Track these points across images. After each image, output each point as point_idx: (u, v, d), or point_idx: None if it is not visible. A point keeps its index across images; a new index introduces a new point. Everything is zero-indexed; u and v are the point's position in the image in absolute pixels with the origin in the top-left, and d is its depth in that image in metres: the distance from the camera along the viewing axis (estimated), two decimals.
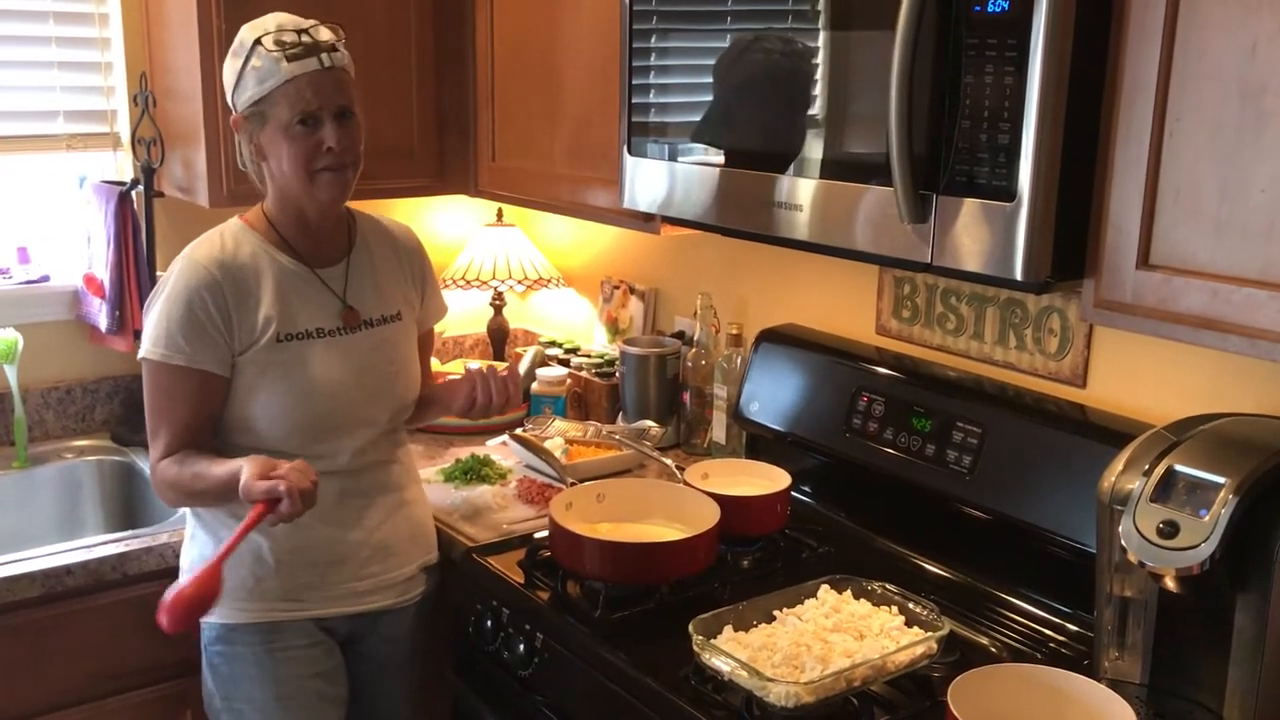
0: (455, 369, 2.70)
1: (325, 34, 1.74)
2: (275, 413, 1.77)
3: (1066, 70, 1.34)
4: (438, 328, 2.11)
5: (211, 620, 1.83)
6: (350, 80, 1.77)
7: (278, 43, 1.70)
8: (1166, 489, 1.36)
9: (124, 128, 2.56)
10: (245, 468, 1.63)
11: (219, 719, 1.88)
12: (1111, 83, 1.35)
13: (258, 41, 1.71)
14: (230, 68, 1.76)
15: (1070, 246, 1.41)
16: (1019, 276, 1.40)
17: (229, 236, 1.81)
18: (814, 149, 1.67)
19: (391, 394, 1.89)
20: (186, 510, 1.89)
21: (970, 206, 1.43)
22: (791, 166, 1.69)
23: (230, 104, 1.78)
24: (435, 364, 2.43)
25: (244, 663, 1.82)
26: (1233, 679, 1.37)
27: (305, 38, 1.72)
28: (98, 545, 2.03)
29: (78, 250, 2.56)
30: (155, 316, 1.76)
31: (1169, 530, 1.32)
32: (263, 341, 1.76)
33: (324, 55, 1.72)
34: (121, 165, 2.59)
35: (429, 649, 2.04)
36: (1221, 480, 1.31)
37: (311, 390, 1.78)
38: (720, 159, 1.82)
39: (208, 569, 1.61)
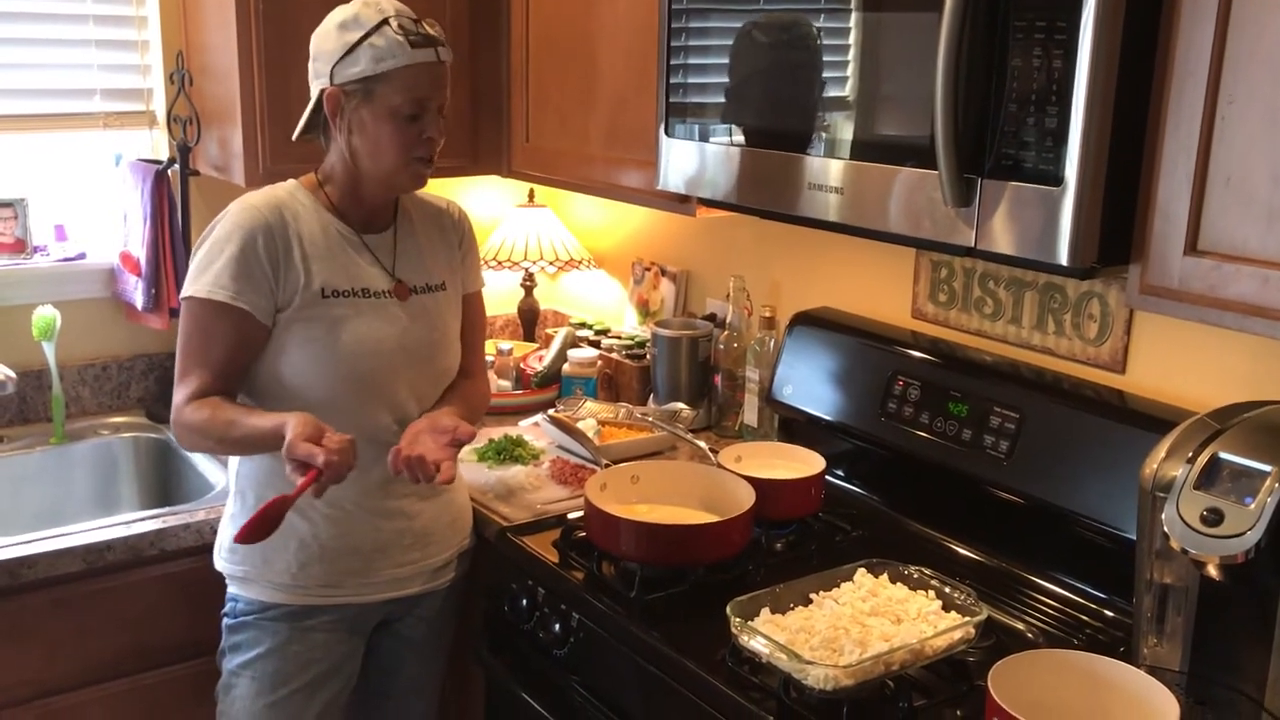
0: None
1: (435, 30, 1.77)
2: (317, 370, 1.76)
3: (1116, 53, 1.33)
4: None
5: (246, 595, 1.85)
6: (450, 78, 1.81)
7: (402, 27, 1.72)
8: (1210, 476, 1.35)
9: (160, 106, 2.57)
10: (291, 423, 1.60)
11: (221, 681, 1.90)
12: (1162, 65, 1.34)
13: (385, 22, 1.72)
14: (338, 39, 1.73)
15: (1116, 232, 1.40)
16: (1064, 262, 1.39)
17: (284, 190, 1.83)
18: (854, 131, 1.66)
19: (433, 363, 1.88)
20: (230, 488, 1.90)
21: (1015, 190, 1.42)
22: (830, 149, 1.68)
23: (324, 73, 1.75)
24: None
25: (258, 637, 1.84)
26: (1275, 668, 1.36)
27: (422, 29, 1.75)
28: (136, 521, 2.05)
29: (114, 228, 2.57)
30: (202, 255, 1.76)
31: (1213, 518, 1.31)
32: (309, 295, 1.76)
33: (439, 49, 1.76)
34: (157, 143, 2.61)
35: (459, 629, 2.05)
36: (1267, 468, 1.30)
37: (355, 350, 1.77)
38: (758, 141, 1.82)
39: (277, 502, 1.60)
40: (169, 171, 2.46)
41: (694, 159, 1.93)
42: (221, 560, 1.89)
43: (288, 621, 1.84)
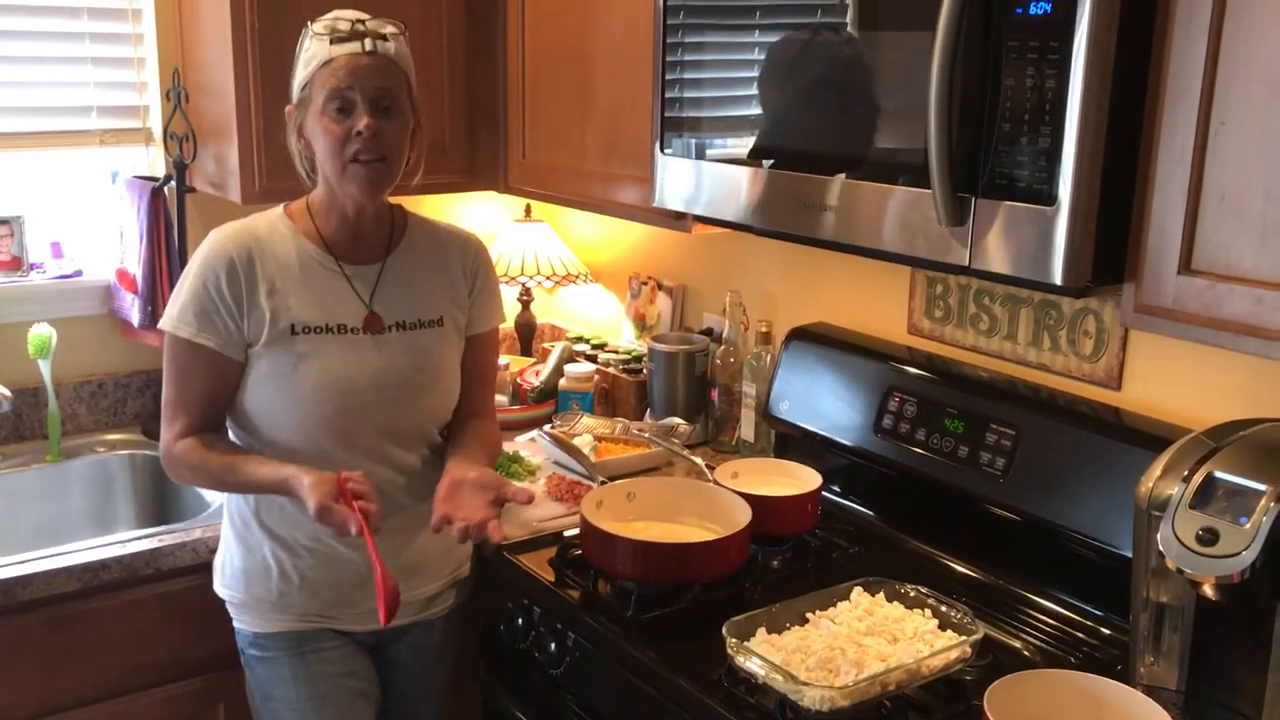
0: None
1: (380, 26, 1.72)
2: (282, 410, 1.74)
3: (1109, 72, 1.33)
4: None
5: (243, 627, 1.85)
6: (397, 72, 1.72)
7: (327, 27, 1.70)
8: (1206, 495, 1.35)
9: (156, 123, 2.57)
10: (304, 488, 1.61)
11: (259, 717, 1.89)
12: (1154, 84, 1.34)
13: (307, 27, 1.72)
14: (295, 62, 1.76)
15: (1110, 251, 1.40)
16: (1059, 281, 1.39)
17: (264, 221, 1.80)
18: (849, 149, 1.66)
19: (418, 402, 1.82)
20: (224, 521, 1.88)
21: (1009, 210, 1.42)
22: (825, 167, 1.68)
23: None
24: None
25: (277, 664, 1.83)
26: (1272, 686, 1.36)
27: (358, 26, 1.70)
28: (131, 540, 2.04)
29: (110, 245, 2.57)
30: (176, 288, 1.77)
31: (1209, 537, 1.31)
32: (275, 332, 1.73)
33: (368, 40, 1.69)
34: (154, 161, 2.61)
35: (459, 652, 2.03)
36: (1263, 488, 1.30)
37: (321, 388, 1.73)
38: (754, 159, 1.82)
39: (382, 571, 1.61)
40: (165, 188, 2.46)
41: (689, 176, 1.93)
42: (218, 584, 1.90)
43: (291, 650, 1.82)
